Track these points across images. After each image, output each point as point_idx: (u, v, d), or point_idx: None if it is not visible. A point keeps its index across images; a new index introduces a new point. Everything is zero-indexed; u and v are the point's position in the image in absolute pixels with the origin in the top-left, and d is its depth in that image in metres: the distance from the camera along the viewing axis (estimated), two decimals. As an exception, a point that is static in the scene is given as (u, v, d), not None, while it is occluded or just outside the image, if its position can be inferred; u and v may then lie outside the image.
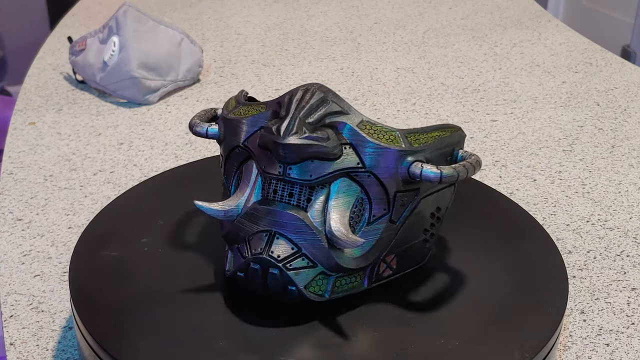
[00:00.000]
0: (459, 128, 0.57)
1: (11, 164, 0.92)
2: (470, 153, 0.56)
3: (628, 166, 0.92)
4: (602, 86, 1.16)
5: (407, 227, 0.56)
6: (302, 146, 0.50)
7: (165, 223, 0.64)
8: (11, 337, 0.63)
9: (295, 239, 0.51)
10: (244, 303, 0.55)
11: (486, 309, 0.55)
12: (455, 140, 0.57)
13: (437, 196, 0.57)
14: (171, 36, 1.12)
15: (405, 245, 0.57)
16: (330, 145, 0.51)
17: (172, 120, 1.04)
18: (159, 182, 0.71)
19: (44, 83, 1.17)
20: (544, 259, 0.60)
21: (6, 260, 0.73)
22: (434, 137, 0.55)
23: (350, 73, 1.21)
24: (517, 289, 0.57)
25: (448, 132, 0.56)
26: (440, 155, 0.55)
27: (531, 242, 0.63)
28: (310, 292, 0.52)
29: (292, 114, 0.51)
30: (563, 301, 0.55)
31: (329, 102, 0.52)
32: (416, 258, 0.58)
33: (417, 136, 0.54)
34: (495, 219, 0.66)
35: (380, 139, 0.52)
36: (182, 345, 0.50)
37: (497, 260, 0.60)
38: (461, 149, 0.57)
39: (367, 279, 0.55)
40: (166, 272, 0.58)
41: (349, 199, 0.52)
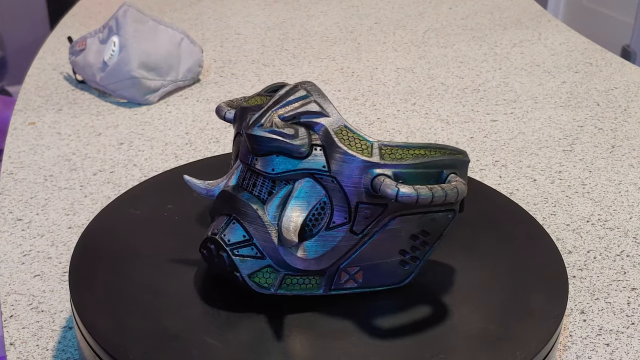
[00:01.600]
0: (461, 152, 0.54)
1: (11, 164, 0.92)
2: (459, 179, 0.52)
3: (628, 166, 0.92)
4: (602, 86, 1.16)
5: (376, 243, 0.53)
6: (265, 139, 0.51)
7: (166, 223, 0.64)
8: (11, 337, 0.63)
9: (248, 228, 0.53)
10: (247, 302, 0.55)
11: (486, 309, 0.55)
12: (447, 163, 0.53)
13: (424, 219, 0.54)
14: (171, 36, 1.12)
15: (375, 262, 0.54)
16: (296, 142, 0.51)
17: (172, 120, 1.04)
18: (159, 182, 0.71)
19: (44, 83, 1.18)
20: (544, 259, 0.60)
21: (6, 260, 0.73)
22: (415, 155, 0.52)
23: (350, 73, 1.21)
24: (517, 289, 0.57)
25: (438, 153, 0.53)
26: (421, 175, 0.52)
27: (531, 242, 0.63)
28: (254, 281, 0.53)
29: (267, 106, 0.52)
30: (563, 301, 0.55)
31: (311, 101, 0.53)
32: (390, 277, 0.56)
33: (393, 150, 0.52)
34: (495, 219, 0.66)
35: (350, 146, 0.52)
36: (182, 345, 0.50)
37: (497, 260, 0.60)
38: (454, 173, 0.53)
39: (324, 286, 0.55)
40: (166, 272, 0.58)
41: (310, 200, 0.52)
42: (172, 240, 0.62)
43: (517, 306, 0.55)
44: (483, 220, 0.66)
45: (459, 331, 0.52)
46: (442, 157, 0.53)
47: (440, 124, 1.03)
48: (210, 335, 0.52)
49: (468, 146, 0.96)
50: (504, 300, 0.56)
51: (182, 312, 0.54)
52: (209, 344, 0.51)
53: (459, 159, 0.54)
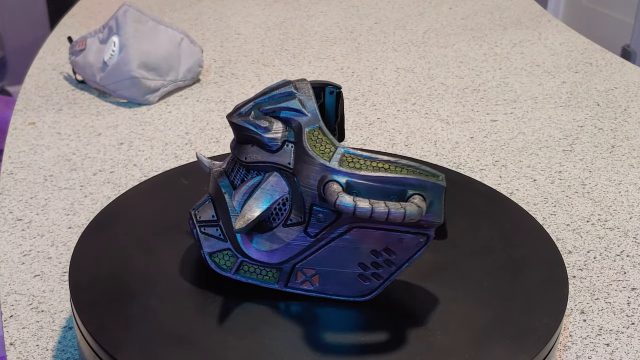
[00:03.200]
0: (437, 175, 0.51)
1: (11, 164, 0.92)
2: (417, 202, 0.49)
3: (628, 166, 0.92)
4: (602, 86, 1.16)
5: (333, 250, 0.53)
6: (239, 127, 0.54)
7: (166, 223, 0.64)
8: (11, 337, 0.63)
9: (218, 210, 0.56)
10: (247, 303, 0.55)
11: (486, 309, 0.55)
12: (413, 183, 0.50)
13: (390, 237, 0.52)
14: (171, 36, 1.12)
15: (331, 268, 0.54)
16: (268, 135, 0.53)
17: (172, 120, 1.04)
18: (159, 182, 0.71)
19: (44, 83, 1.18)
20: (544, 259, 0.60)
21: (6, 260, 0.73)
22: (376, 168, 0.51)
23: (350, 73, 1.21)
24: (517, 289, 0.57)
25: (405, 171, 0.51)
26: (379, 189, 0.51)
27: (531, 242, 0.63)
28: (213, 261, 0.56)
29: (253, 97, 0.54)
30: (563, 301, 0.55)
31: (294, 98, 0.53)
32: (348, 289, 0.55)
33: (355, 159, 0.51)
34: (495, 219, 0.66)
35: (314, 147, 0.52)
36: (182, 345, 0.50)
37: (497, 260, 0.60)
38: (421, 195, 0.50)
39: (280, 281, 0.55)
40: (167, 272, 0.58)
41: (274, 195, 0.53)
42: (172, 240, 0.62)
43: (517, 306, 0.55)
44: (483, 220, 0.66)
45: (459, 331, 0.52)
46: (406, 175, 0.50)
47: (440, 124, 1.03)
48: (211, 334, 0.52)
49: (468, 146, 0.96)
50: (503, 301, 0.56)
51: (182, 312, 0.54)
52: (209, 344, 0.51)
53: (429, 181, 0.51)
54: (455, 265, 0.60)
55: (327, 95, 0.65)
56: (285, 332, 0.52)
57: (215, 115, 1.05)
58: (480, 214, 0.67)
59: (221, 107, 1.08)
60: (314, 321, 0.53)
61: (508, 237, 0.63)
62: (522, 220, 0.66)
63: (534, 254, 0.61)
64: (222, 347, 0.51)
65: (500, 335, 0.52)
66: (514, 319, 0.54)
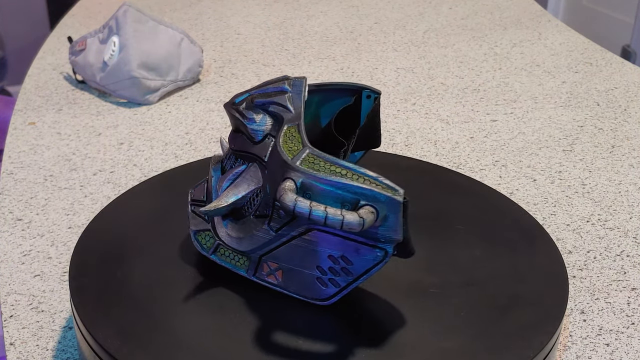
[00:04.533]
0: (395, 190, 0.49)
1: (11, 164, 0.92)
2: (362, 213, 0.48)
3: (628, 166, 0.92)
4: (602, 86, 1.16)
5: (293, 248, 0.53)
6: (230, 115, 0.57)
7: (166, 223, 0.64)
8: (11, 337, 0.63)
9: (207, 192, 0.59)
10: (247, 303, 0.55)
11: (486, 309, 0.55)
12: (367, 193, 0.49)
13: (347, 245, 0.51)
14: (171, 36, 1.12)
15: (292, 266, 0.54)
16: (250, 126, 0.55)
17: (172, 120, 1.04)
18: (159, 182, 0.71)
19: (44, 83, 1.18)
20: (544, 259, 0.60)
21: (6, 260, 0.73)
22: (334, 172, 0.50)
23: (350, 73, 1.21)
24: (517, 289, 0.57)
25: (361, 180, 0.49)
26: (333, 195, 0.50)
27: (531, 242, 0.63)
28: (197, 239, 0.58)
29: (250, 89, 0.56)
30: (563, 301, 0.55)
31: (285, 94, 0.55)
32: (309, 290, 0.54)
33: (317, 160, 0.51)
34: (495, 219, 0.66)
35: (284, 144, 0.53)
36: (182, 345, 0.50)
37: (497, 260, 0.60)
38: (373, 207, 0.49)
39: (249, 269, 0.56)
40: (167, 272, 0.58)
41: (250, 184, 0.55)
42: (172, 240, 0.62)
43: (517, 306, 0.55)
44: (483, 220, 0.66)
45: (459, 331, 0.52)
46: (361, 185, 0.49)
47: (440, 124, 1.03)
48: (211, 334, 0.52)
49: (468, 146, 0.96)
50: (503, 301, 0.56)
51: (182, 312, 0.54)
52: (209, 344, 0.51)
53: (384, 194, 0.49)
54: (455, 265, 0.60)
55: (363, 99, 0.63)
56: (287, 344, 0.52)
57: (215, 115, 1.05)
58: (480, 214, 0.67)
59: (221, 107, 1.08)
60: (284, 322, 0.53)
61: (508, 237, 0.63)
62: (522, 220, 0.66)
63: (534, 254, 0.61)
64: (222, 347, 0.51)
65: (500, 335, 0.52)
66: (514, 319, 0.54)
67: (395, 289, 0.57)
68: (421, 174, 0.73)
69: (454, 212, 0.67)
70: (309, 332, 0.52)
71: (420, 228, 0.64)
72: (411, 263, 0.59)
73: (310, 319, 0.53)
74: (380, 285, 0.57)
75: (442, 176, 0.73)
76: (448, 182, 0.72)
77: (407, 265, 0.59)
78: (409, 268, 0.59)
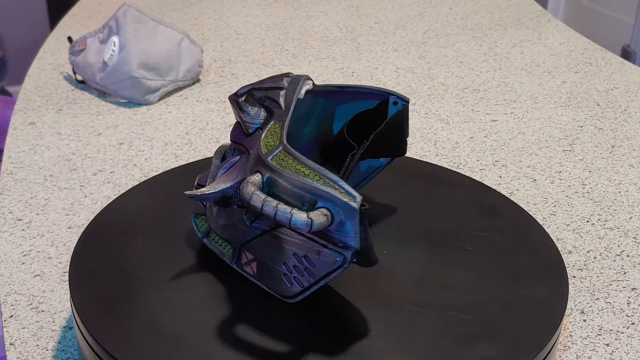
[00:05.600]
0: (352, 197, 0.48)
1: (11, 164, 0.92)
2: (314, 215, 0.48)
3: (628, 166, 0.92)
4: (602, 86, 1.16)
5: (265, 241, 0.54)
6: (232, 106, 0.58)
7: (166, 223, 0.64)
8: (11, 337, 0.63)
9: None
10: (247, 301, 0.55)
11: (486, 309, 0.55)
12: (324, 195, 0.48)
13: (309, 246, 0.51)
14: (171, 36, 1.12)
15: (264, 260, 0.54)
16: (244, 118, 0.57)
17: (172, 120, 1.04)
18: (159, 182, 0.71)
19: (44, 83, 1.18)
20: (544, 259, 0.60)
21: (6, 260, 0.73)
22: (298, 172, 0.50)
23: (350, 73, 1.21)
24: (517, 289, 0.57)
25: (322, 182, 0.49)
26: (293, 193, 0.50)
27: (531, 242, 0.63)
28: (195, 222, 0.61)
29: (255, 82, 0.58)
30: (563, 301, 0.55)
31: (280, 91, 0.56)
32: (277, 286, 0.54)
33: (286, 158, 0.51)
34: (495, 219, 0.66)
35: (265, 138, 0.54)
36: (182, 345, 0.50)
37: (497, 261, 0.60)
38: (328, 210, 0.48)
39: (231, 257, 0.57)
40: (167, 272, 0.58)
41: (239, 174, 0.56)
42: (172, 240, 0.62)
43: (517, 306, 0.55)
44: (482, 220, 0.66)
45: (459, 331, 0.52)
46: (320, 186, 0.49)
47: (440, 124, 1.03)
48: (211, 334, 0.52)
49: (468, 146, 0.96)
50: (503, 300, 0.56)
51: (182, 312, 0.54)
52: (210, 344, 0.51)
53: (339, 199, 0.48)
54: (454, 265, 0.60)
55: (390, 105, 0.63)
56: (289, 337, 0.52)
57: (215, 115, 1.05)
58: (480, 214, 0.67)
59: (221, 107, 1.08)
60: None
61: (508, 237, 0.63)
62: (522, 220, 0.66)
63: (534, 254, 0.61)
64: (222, 347, 0.51)
65: (500, 335, 0.52)
66: (514, 319, 0.54)
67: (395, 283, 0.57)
68: (420, 174, 0.73)
69: (453, 213, 0.67)
70: (269, 330, 0.52)
71: (418, 227, 0.64)
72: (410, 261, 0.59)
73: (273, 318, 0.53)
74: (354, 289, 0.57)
75: (442, 176, 0.73)
76: (448, 182, 0.72)
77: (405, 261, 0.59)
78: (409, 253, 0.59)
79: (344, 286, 0.56)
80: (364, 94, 0.63)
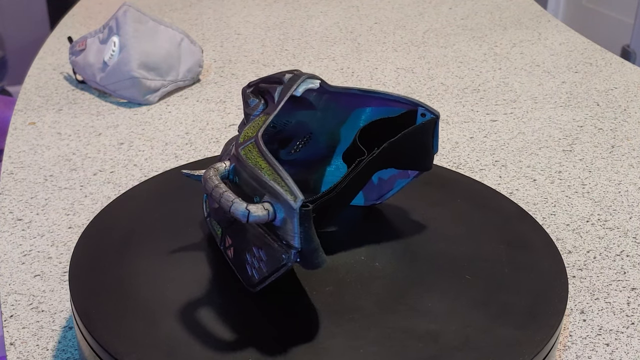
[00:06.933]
0: (294, 196, 0.48)
1: (11, 164, 0.92)
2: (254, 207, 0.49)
3: (628, 166, 0.92)
4: (602, 86, 1.16)
5: (237, 229, 0.55)
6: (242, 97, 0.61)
7: (166, 223, 0.64)
8: (11, 337, 0.63)
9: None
10: (248, 301, 0.55)
11: (486, 309, 0.55)
12: (271, 192, 0.49)
13: (265, 239, 0.51)
14: (171, 36, 1.12)
15: (237, 246, 0.55)
16: (246, 110, 0.59)
17: (172, 120, 1.04)
18: (159, 182, 0.71)
19: (44, 83, 1.18)
20: (544, 259, 0.60)
21: (6, 260, 0.73)
22: (257, 165, 0.51)
23: (350, 73, 1.21)
24: (517, 289, 0.57)
25: (275, 178, 0.50)
26: (248, 185, 0.52)
27: (531, 242, 0.63)
28: (205, 202, 0.62)
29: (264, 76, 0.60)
30: (563, 301, 0.56)
31: (279, 87, 0.58)
32: (244, 274, 0.55)
33: (253, 151, 0.53)
34: (495, 219, 0.66)
35: (247, 129, 0.56)
36: (182, 345, 0.51)
37: (497, 260, 0.60)
38: (270, 204, 0.49)
39: (220, 240, 0.58)
40: (167, 272, 0.58)
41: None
42: (173, 240, 0.62)
43: (517, 306, 0.55)
44: (482, 220, 0.66)
45: (459, 331, 0.52)
46: (269, 181, 0.50)
47: (440, 124, 1.03)
48: (211, 334, 0.52)
49: (468, 146, 0.96)
50: (503, 300, 0.56)
51: (182, 312, 0.54)
52: (209, 344, 0.51)
53: (282, 196, 0.49)
54: (454, 265, 0.60)
55: (418, 116, 0.62)
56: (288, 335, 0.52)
57: (215, 115, 1.05)
58: (479, 214, 0.67)
59: (221, 107, 1.08)
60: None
61: (508, 238, 0.63)
62: (522, 220, 0.66)
63: (533, 254, 0.61)
64: (223, 346, 0.51)
65: (500, 335, 0.52)
66: (514, 319, 0.54)
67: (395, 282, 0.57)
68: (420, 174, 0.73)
69: (452, 213, 0.67)
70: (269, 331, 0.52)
71: (417, 227, 0.64)
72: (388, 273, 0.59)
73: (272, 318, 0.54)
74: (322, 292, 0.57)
75: (442, 176, 0.73)
76: (448, 182, 0.72)
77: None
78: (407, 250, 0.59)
79: (313, 285, 0.57)
80: (391, 101, 0.62)
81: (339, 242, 0.62)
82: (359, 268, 0.59)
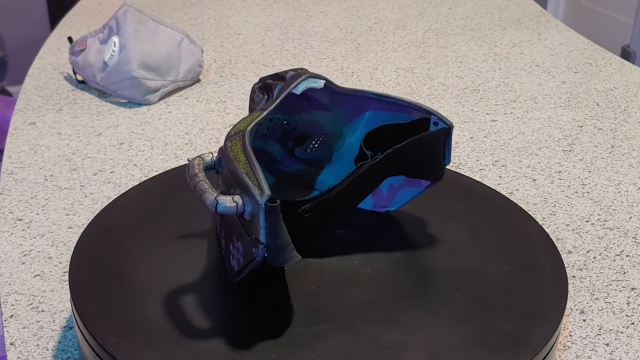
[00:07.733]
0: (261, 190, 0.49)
1: (11, 164, 0.93)
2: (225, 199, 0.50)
3: (628, 166, 0.92)
4: (602, 86, 1.16)
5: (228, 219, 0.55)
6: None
7: (166, 223, 0.64)
8: (11, 337, 0.63)
9: None
10: (247, 301, 0.55)
11: (486, 309, 0.55)
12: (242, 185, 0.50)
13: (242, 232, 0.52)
14: (171, 36, 1.12)
15: (228, 239, 0.56)
16: (250, 104, 0.61)
17: (172, 120, 1.04)
18: (159, 182, 0.71)
19: (44, 83, 1.18)
20: (544, 259, 0.60)
21: (6, 260, 0.73)
22: (236, 159, 0.52)
23: (350, 73, 1.21)
24: (517, 289, 0.57)
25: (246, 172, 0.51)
26: (227, 177, 0.54)
27: (531, 242, 0.63)
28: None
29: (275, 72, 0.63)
30: (563, 301, 0.56)
31: (280, 84, 0.59)
32: (229, 264, 0.56)
33: (237, 145, 0.53)
34: (495, 219, 0.66)
35: (240, 122, 0.56)
36: (182, 345, 0.51)
37: (497, 260, 0.60)
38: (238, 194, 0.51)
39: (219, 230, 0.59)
40: (166, 272, 0.58)
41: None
42: (173, 240, 0.62)
43: (517, 306, 0.55)
44: (482, 220, 0.66)
45: (459, 331, 0.52)
46: (242, 174, 0.51)
47: (440, 124, 1.03)
48: (212, 334, 0.52)
49: (468, 146, 0.96)
50: (503, 300, 0.56)
51: (183, 312, 0.54)
52: (210, 344, 0.51)
53: (250, 190, 0.49)
54: (455, 265, 0.60)
55: (430, 125, 0.61)
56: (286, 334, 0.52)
57: (215, 115, 1.05)
58: (479, 214, 0.67)
59: (221, 107, 1.08)
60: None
61: (508, 238, 0.63)
62: (522, 220, 0.66)
63: (534, 254, 0.61)
64: (222, 347, 0.51)
65: (500, 335, 0.52)
66: (514, 319, 0.54)
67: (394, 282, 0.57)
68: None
69: (452, 213, 0.67)
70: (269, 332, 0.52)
71: (416, 231, 0.64)
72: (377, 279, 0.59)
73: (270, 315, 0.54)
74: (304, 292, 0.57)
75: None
76: (448, 183, 0.72)
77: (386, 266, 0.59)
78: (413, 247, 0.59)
79: (296, 283, 0.57)
80: (405, 107, 0.62)
81: (338, 244, 0.62)
82: (349, 272, 0.58)
